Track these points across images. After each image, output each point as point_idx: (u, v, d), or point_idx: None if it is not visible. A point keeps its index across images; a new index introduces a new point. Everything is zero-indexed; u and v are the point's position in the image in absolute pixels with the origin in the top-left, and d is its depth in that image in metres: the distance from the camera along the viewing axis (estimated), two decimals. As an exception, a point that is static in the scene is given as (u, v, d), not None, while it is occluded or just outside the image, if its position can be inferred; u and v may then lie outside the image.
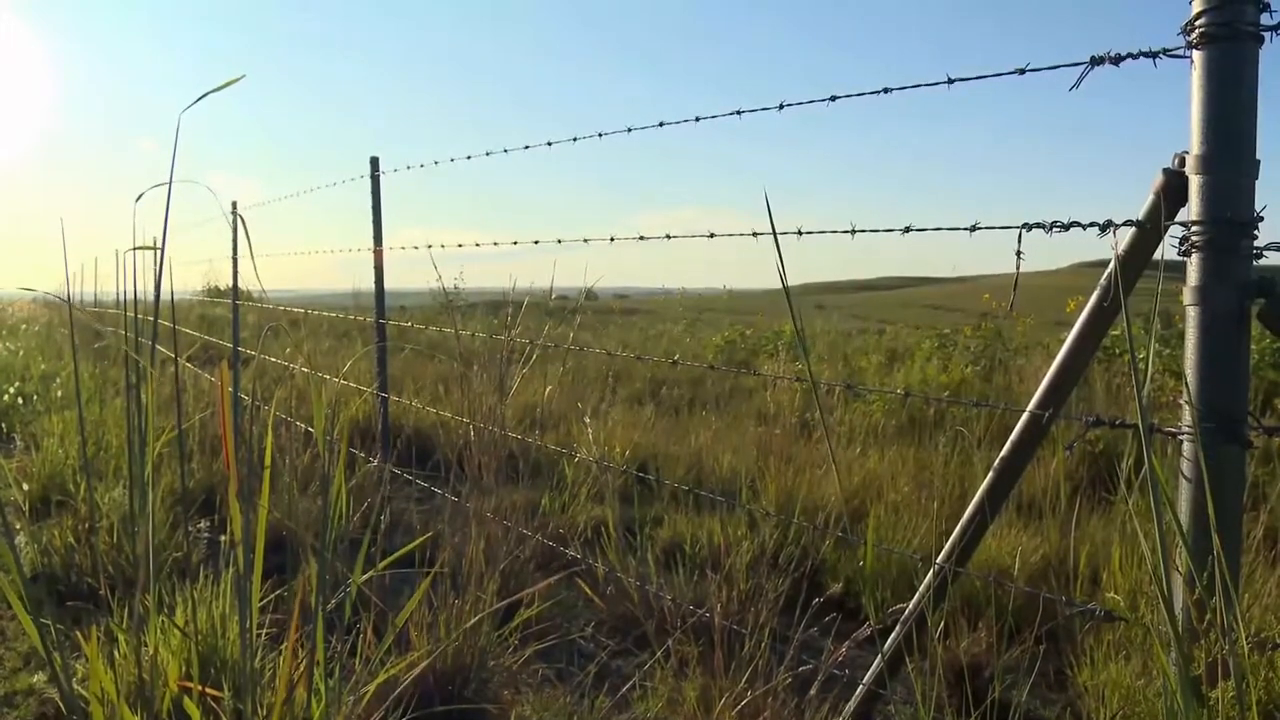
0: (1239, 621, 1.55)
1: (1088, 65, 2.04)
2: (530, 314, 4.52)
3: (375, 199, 5.69)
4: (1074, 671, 3.47)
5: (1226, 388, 1.86)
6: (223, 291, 15.29)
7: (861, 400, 7.40)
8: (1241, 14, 1.78)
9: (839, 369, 10.44)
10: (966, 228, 2.27)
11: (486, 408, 4.06)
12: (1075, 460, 6.09)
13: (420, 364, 10.36)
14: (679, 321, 17.77)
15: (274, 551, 3.01)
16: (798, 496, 5.21)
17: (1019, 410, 2.42)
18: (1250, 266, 1.86)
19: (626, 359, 4.76)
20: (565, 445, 6.41)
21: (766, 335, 13.38)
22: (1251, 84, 1.82)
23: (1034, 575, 4.29)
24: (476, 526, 3.67)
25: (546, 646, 3.47)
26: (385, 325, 5.71)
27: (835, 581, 4.26)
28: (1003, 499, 2.50)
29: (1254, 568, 3.92)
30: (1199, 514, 1.82)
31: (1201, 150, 1.86)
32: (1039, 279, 79.24)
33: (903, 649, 2.54)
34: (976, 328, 11.53)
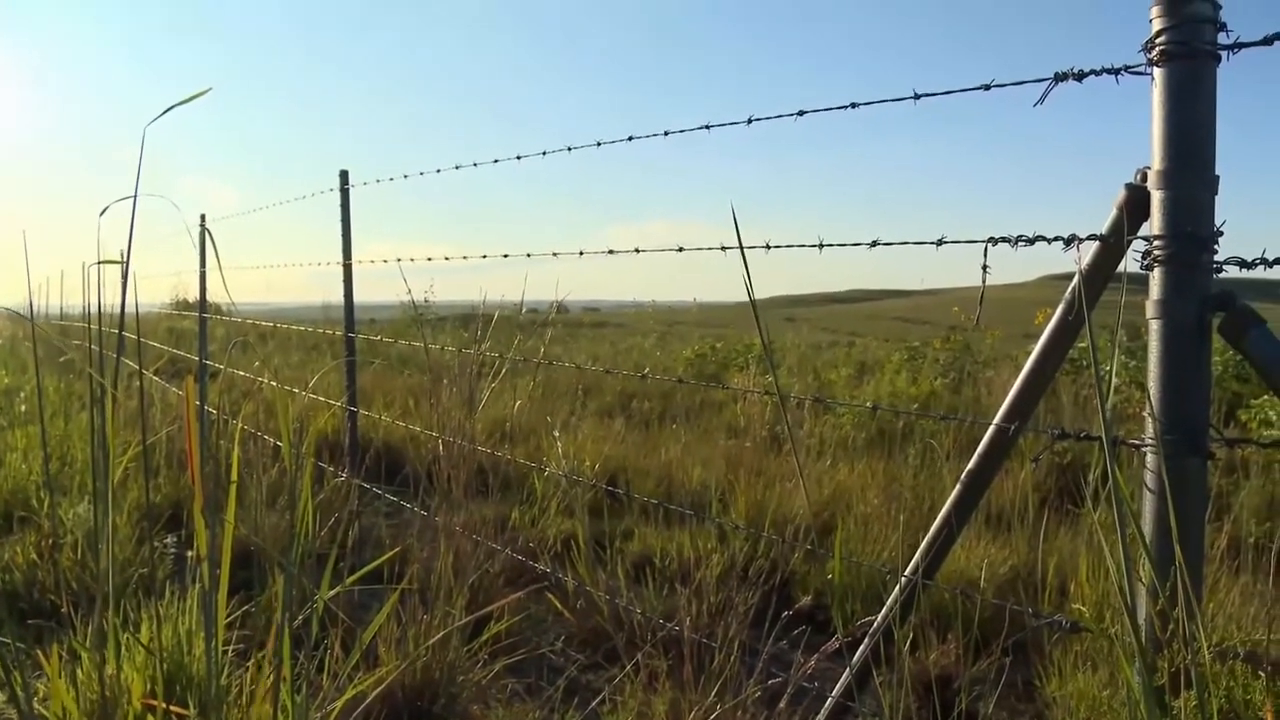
0: (1201, 632, 1.56)
1: (1052, 81, 2.06)
2: (501, 327, 4.51)
3: (345, 212, 5.67)
4: (1042, 682, 3.49)
5: (1188, 400, 1.88)
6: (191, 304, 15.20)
7: (831, 413, 7.42)
8: (1199, 33, 1.81)
9: (809, 382, 10.47)
10: (933, 242, 2.28)
11: (455, 422, 4.05)
12: (1043, 472, 6.13)
13: (390, 377, 10.33)
14: (649, 334, 17.78)
15: (241, 567, 2.99)
16: (768, 509, 5.22)
17: (987, 423, 2.44)
18: (1211, 280, 1.88)
19: (597, 372, 4.76)
20: (535, 459, 6.40)
21: (737, 348, 13.41)
22: (1210, 101, 1.84)
23: (1003, 587, 4.32)
24: (445, 541, 3.65)
25: (516, 661, 3.46)
26: (354, 339, 5.69)
27: (805, 594, 4.26)
28: (970, 511, 2.51)
29: (1218, 577, 3.96)
30: (1162, 525, 1.84)
31: (1162, 166, 1.88)
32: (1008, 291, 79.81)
33: (870, 661, 2.54)
34: (945, 340, 11.60)
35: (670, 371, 12.40)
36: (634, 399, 9.48)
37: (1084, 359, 8.31)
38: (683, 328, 20.54)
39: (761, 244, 2.52)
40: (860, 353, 14.81)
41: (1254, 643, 2.43)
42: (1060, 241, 2.09)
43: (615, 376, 9.98)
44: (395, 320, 15.58)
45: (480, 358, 4.14)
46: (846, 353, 14.96)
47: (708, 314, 19.34)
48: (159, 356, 10.72)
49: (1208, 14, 1.81)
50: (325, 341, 12.33)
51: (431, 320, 13.87)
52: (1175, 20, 1.82)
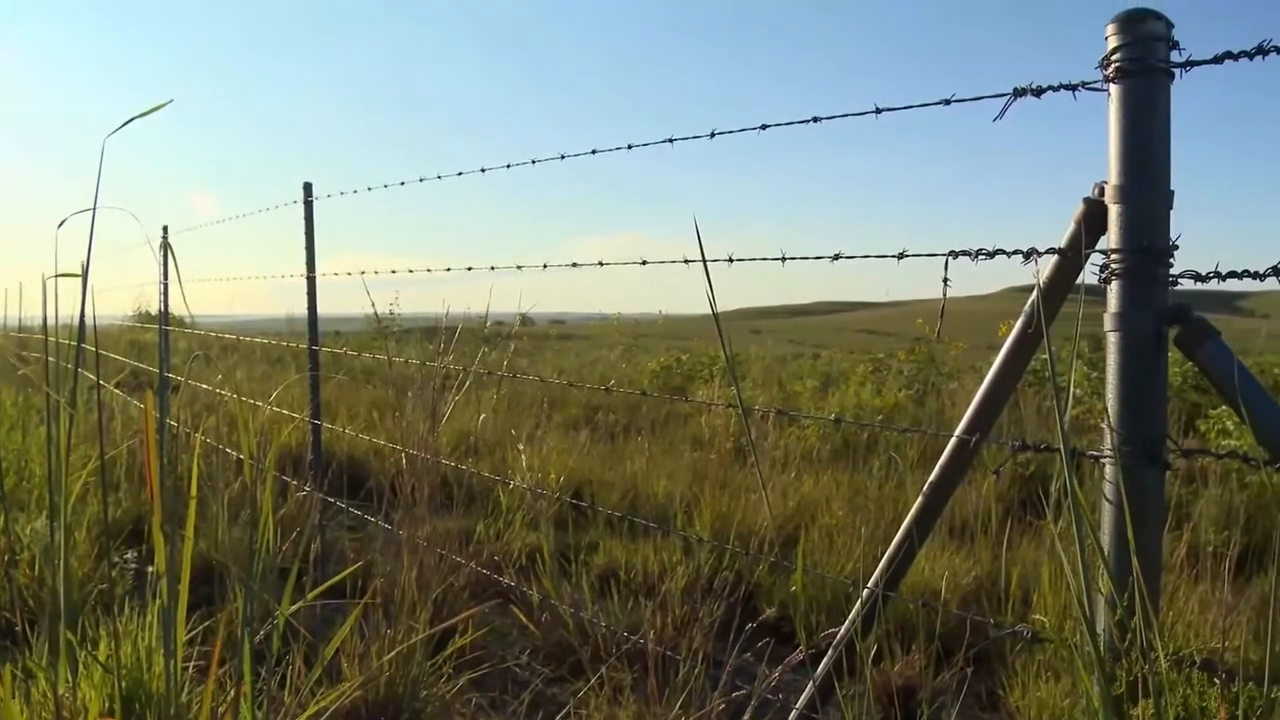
0: (1158, 641, 1.58)
1: (1011, 96, 2.08)
2: (467, 340, 4.50)
3: (308, 224, 5.64)
4: (1006, 692, 3.51)
5: (1146, 411, 1.90)
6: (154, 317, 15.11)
7: (797, 425, 7.44)
8: (1154, 51, 1.83)
9: (774, 394, 10.50)
10: (895, 255, 2.30)
11: (419, 435, 4.03)
12: (1006, 482, 6.17)
13: (355, 390, 10.28)
14: (615, 347, 17.77)
15: (203, 582, 2.97)
16: (733, 521, 5.23)
17: (950, 434, 2.45)
18: (1167, 293, 1.90)
19: (562, 385, 4.76)
20: (500, 472, 6.38)
21: (702, 360, 13.42)
22: (1165, 117, 1.87)
23: (967, 597, 4.34)
24: (409, 554, 3.64)
25: (481, 675, 3.45)
26: (318, 352, 5.65)
27: (770, 606, 4.27)
28: (932, 523, 2.53)
29: (1177, 586, 4.00)
30: (1120, 536, 1.85)
31: (1119, 180, 1.90)
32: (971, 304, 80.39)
33: (833, 673, 2.55)
34: (910, 352, 11.66)
35: (636, 384, 12.39)
36: (599, 411, 9.47)
37: (1047, 370, 8.37)
38: (649, 340, 20.55)
39: (725, 257, 2.53)
40: (825, 365, 14.86)
41: (1210, 650, 2.46)
42: (1020, 255, 2.11)
43: (581, 389, 9.98)
44: (361, 333, 15.51)
45: (444, 370, 4.13)
46: (812, 364, 15.00)
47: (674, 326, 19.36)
48: (120, 369, 10.63)
49: (1161, 32, 1.84)
50: (289, 354, 12.27)
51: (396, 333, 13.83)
52: (1130, 38, 1.85)
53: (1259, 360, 10.28)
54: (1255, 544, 4.78)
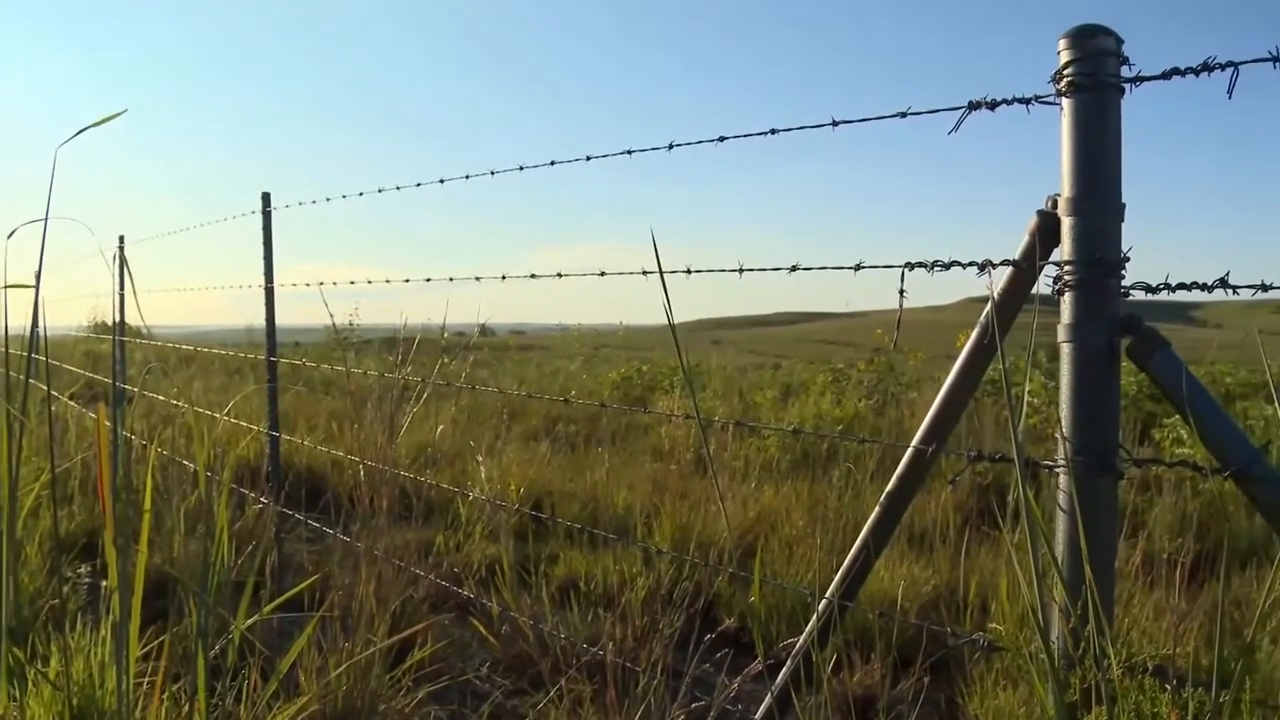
0: (1110, 648, 1.60)
1: (966, 109, 2.10)
2: (427, 351, 4.48)
3: (267, 235, 5.60)
4: (964, 700, 3.53)
5: (1099, 421, 1.93)
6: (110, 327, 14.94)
7: (757, 435, 7.46)
8: (1104, 66, 1.86)
9: (735, 404, 10.51)
10: (851, 267, 2.32)
11: (377, 446, 4.01)
12: (965, 492, 6.22)
13: (314, 401, 10.22)
14: (576, 357, 17.75)
15: (158, 596, 2.93)
16: (693, 532, 5.23)
17: (909, 445, 2.47)
18: (1119, 304, 1.93)
19: (521, 396, 4.74)
20: (460, 483, 6.36)
21: (663, 371, 13.43)
22: (1115, 131, 1.90)
23: (926, 606, 4.37)
24: (367, 567, 3.62)
25: (440, 687, 3.44)
26: (276, 363, 5.61)
27: (729, 616, 4.28)
28: (890, 533, 2.54)
29: (1133, 593, 4.04)
30: (1074, 545, 1.87)
31: (1071, 193, 1.93)
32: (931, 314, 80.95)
33: (790, 684, 2.56)
34: (869, 362, 11.71)
35: (596, 395, 12.38)
36: (560, 422, 9.45)
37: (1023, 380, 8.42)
38: (609, 350, 20.53)
39: (683, 268, 2.54)
40: (786, 375, 14.91)
41: (1163, 657, 2.48)
42: (975, 267, 2.13)
43: (541, 400, 9.97)
44: (321, 344, 15.41)
45: (403, 381, 4.11)
46: (772, 375, 15.06)
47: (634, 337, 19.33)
48: (75, 381, 10.50)
49: (1111, 47, 1.86)
50: (248, 365, 12.18)
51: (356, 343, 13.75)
52: (1081, 53, 1.87)
53: (1211, 369, 10.42)
54: (1208, 550, 4.84)
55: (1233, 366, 10.55)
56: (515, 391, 5.07)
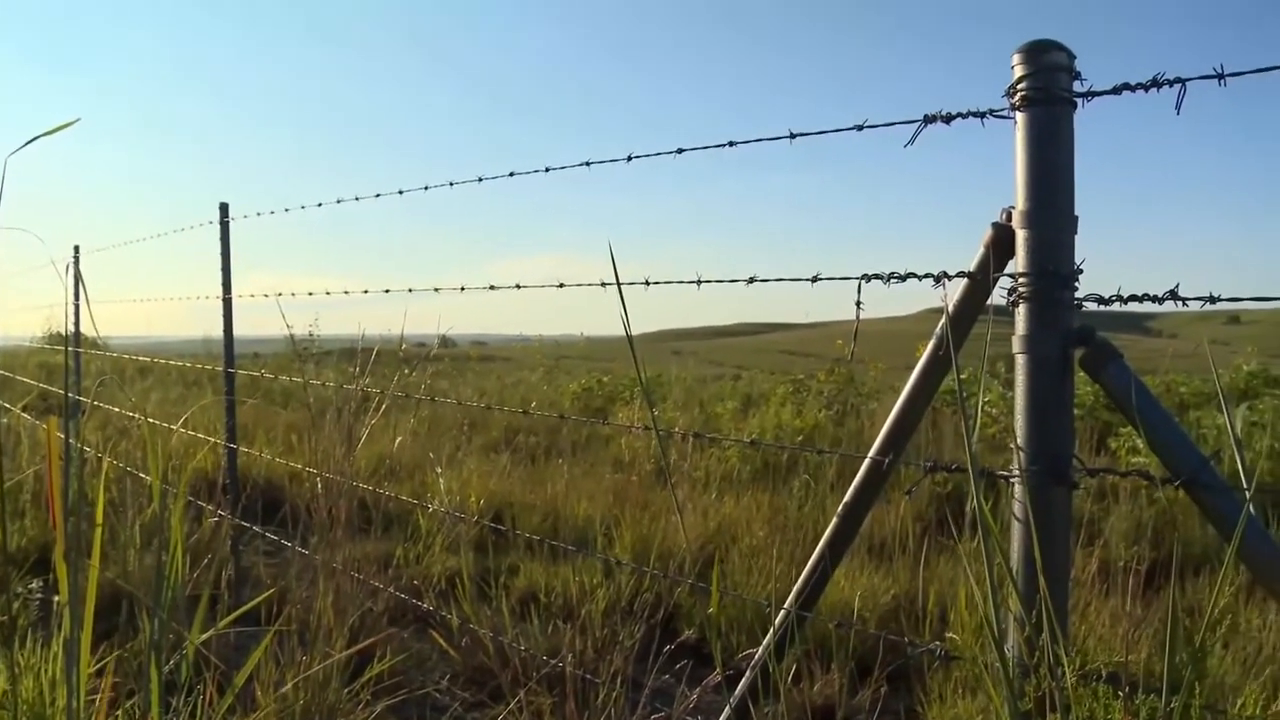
0: (1064, 656, 1.61)
1: (921, 123, 2.12)
2: (388, 362, 4.46)
3: (224, 245, 5.56)
4: (924, 709, 3.55)
5: (1053, 431, 1.94)
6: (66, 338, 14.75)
7: (718, 446, 7.48)
8: (1057, 80, 1.88)
9: (695, 415, 10.53)
10: (809, 278, 2.33)
11: (335, 458, 3.99)
12: (925, 501, 6.26)
13: (273, 413, 10.14)
14: (536, 369, 17.73)
15: (113, 612, 2.90)
16: (653, 543, 5.24)
17: (866, 456, 2.48)
18: (1073, 316, 1.95)
19: (480, 408, 4.73)
20: (420, 495, 6.33)
21: (624, 382, 13.43)
22: (1068, 145, 1.92)
23: (886, 615, 4.39)
24: (325, 580, 3.59)
25: (399, 701, 3.42)
26: (234, 374, 5.56)
27: (690, 627, 4.28)
28: (848, 543, 2.55)
29: (1089, 601, 4.08)
30: (1029, 554, 1.89)
31: (1025, 206, 1.95)
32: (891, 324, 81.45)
33: (747, 695, 2.56)
34: (830, 373, 11.76)
35: (557, 406, 12.37)
36: (520, 433, 9.44)
37: (966, 390, 8.49)
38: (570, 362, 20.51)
39: (642, 279, 2.54)
40: (746, 386, 14.94)
41: (1116, 664, 2.51)
42: (930, 279, 2.14)
43: (502, 411, 9.94)
44: (280, 354, 15.30)
45: (361, 393, 4.09)
46: (733, 386, 15.08)
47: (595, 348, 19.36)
48: (28, 392, 10.38)
49: (1064, 62, 1.89)
50: (206, 376, 12.06)
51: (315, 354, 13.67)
52: (1034, 67, 1.90)
53: (1166, 379, 10.55)
54: (1163, 558, 4.90)
55: (1186, 376, 10.69)
56: (475, 403, 5.05)
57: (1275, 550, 1.80)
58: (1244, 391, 9.82)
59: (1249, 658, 3.52)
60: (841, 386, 10.98)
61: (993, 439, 8.40)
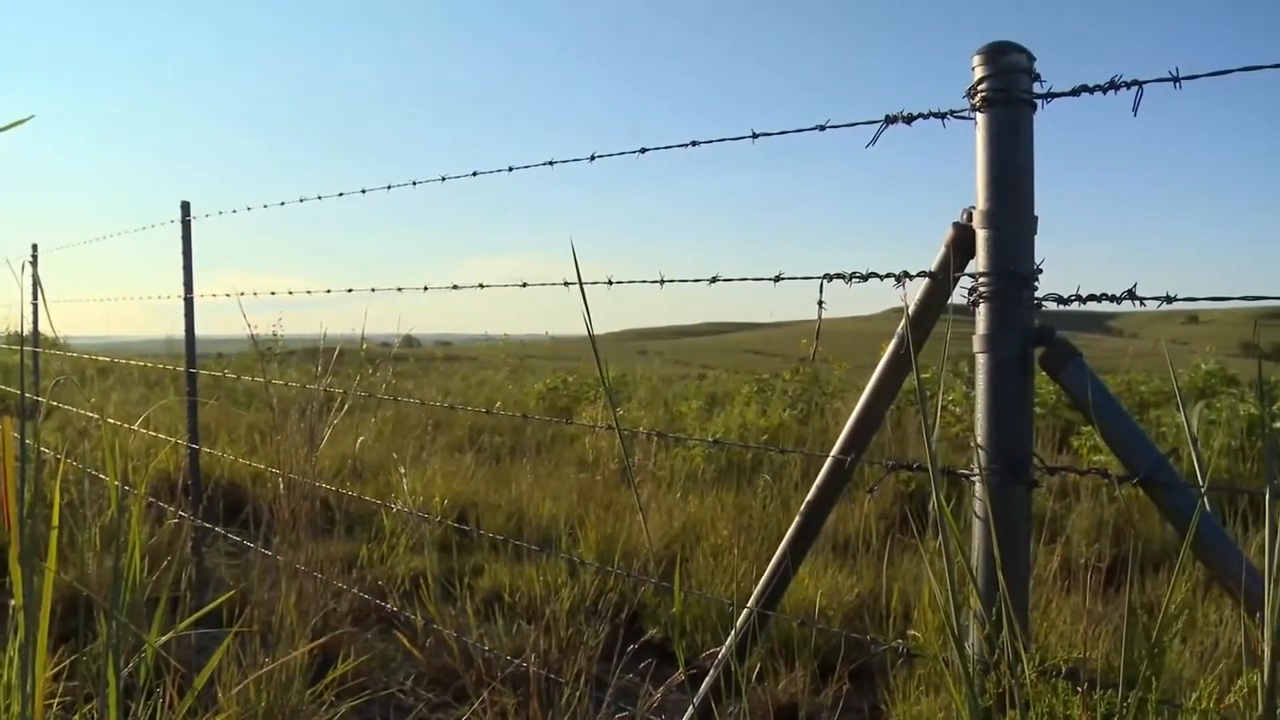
0: (1024, 653, 1.63)
1: (883, 123, 2.13)
2: (351, 362, 4.45)
3: (186, 244, 5.52)
4: (888, 707, 3.57)
5: (1012, 430, 1.96)
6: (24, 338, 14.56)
7: (682, 445, 7.49)
8: (1017, 82, 1.90)
9: (660, 414, 10.54)
10: (771, 278, 2.33)
11: (298, 458, 3.97)
12: (889, 500, 6.29)
13: (237, 413, 10.07)
14: (502, 368, 17.70)
15: (71, 615, 2.88)
16: (618, 542, 5.23)
17: (829, 455, 2.49)
18: (1032, 315, 1.96)
19: (444, 408, 4.72)
20: (385, 495, 6.31)
21: (589, 381, 13.43)
22: (1028, 145, 1.93)
23: (850, 614, 4.41)
24: (288, 580, 3.57)
25: (363, 701, 3.40)
26: (196, 374, 5.53)
27: (654, 626, 4.28)
28: (810, 542, 2.56)
29: (1050, 598, 4.11)
30: (989, 552, 1.91)
31: (986, 206, 1.96)
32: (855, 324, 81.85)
33: (710, 695, 2.57)
34: (794, 372, 11.80)
35: (522, 406, 12.35)
36: (485, 433, 9.42)
37: (928, 389, 8.54)
38: (535, 361, 20.49)
39: (605, 279, 2.55)
40: (711, 385, 14.96)
41: (1076, 660, 2.53)
42: (892, 278, 2.16)
43: (467, 411, 9.92)
44: (244, 354, 15.20)
45: (324, 393, 4.07)
46: (697, 385, 15.10)
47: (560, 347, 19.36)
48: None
49: (1023, 64, 1.90)
50: (168, 377, 11.96)
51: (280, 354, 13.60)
52: (994, 69, 1.91)
53: (1127, 378, 10.66)
54: (1124, 555, 4.94)
55: (1147, 375, 10.81)
56: (438, 403, 5.04)
57: (1229, 545, 1.82)
58: (1202, 390, 9.94)
59: (1206, 652, 3.57)
60: (806, 386, 11.03)
61: (956, 438, 8.46)
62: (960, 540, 1.74)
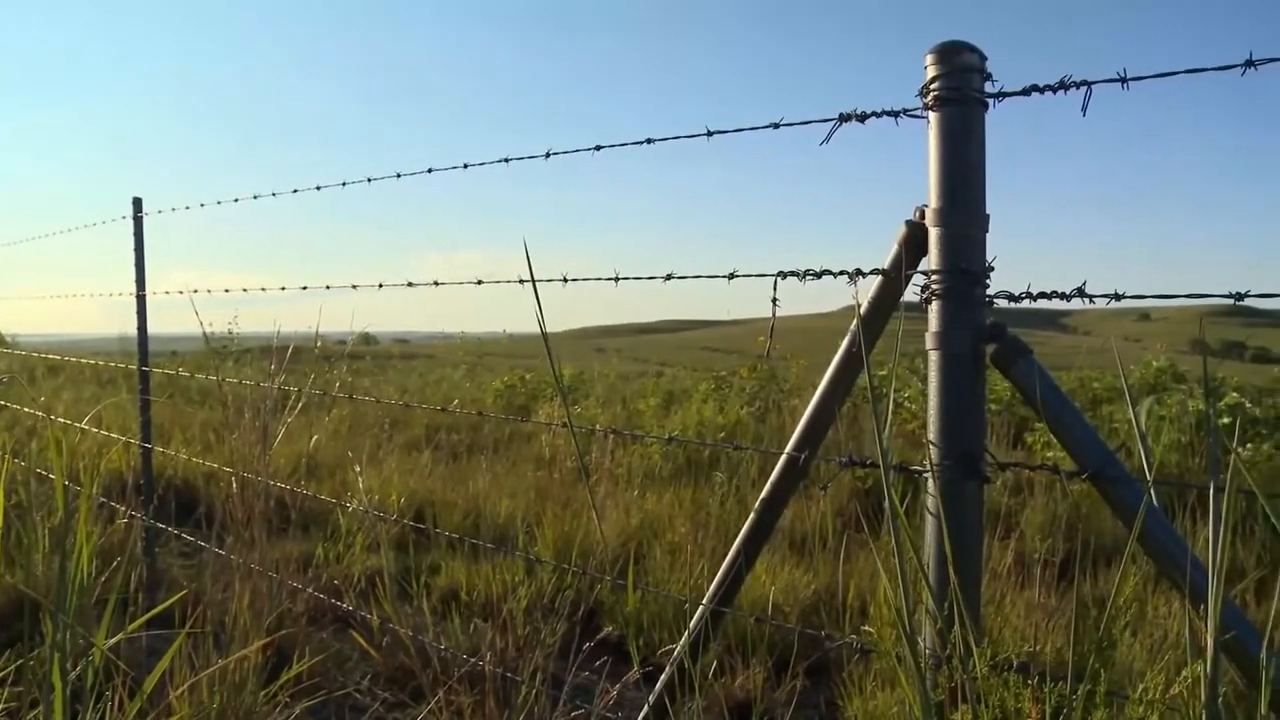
0: (975, 648, 1.64)
1: (836, 121, 2.14)
2: (309, 360, 4.42)
3: (138, 240, 5.46)
4: (845, 702, 3.59)
5: (964, 427, 1.97)
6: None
7: (640, 443, 7.50)
8: (969, 81, 1.91)
9: (618, 412, 10.54)
10: (725, 276, 2.34)
11: (252, 457, 3.94)
12: (846, 496, 6.33)
13: (191, 412, 9.98)
14: (459, 366, 17.64)
15: (17, 618, 2.83)
16: (575, 540, 5.24)
17: (783, 452, 2.50)
18: (984, 313, 1.98)
19: (400, 406, 4.69)
20: (341, 494, 6.27)
21: (546, 379, 13.40)
22: (980, 144, 1.95)
23: (807, 610, 4.43)
24: (241, 581, 3.54)
25: (318, 702, 3.38)
26: (149, 372, 5.47)
27: (611, 624, 4.29)
28: (765, 539, 2.57)
29: (1005, 592, 4.15)
30: (942, 548, 1.92)
31: (938, 204, 1.97)
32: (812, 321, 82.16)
33: (665, 692, 2.57)
34: (752, 369, 11.83)
35: (479, 403, 12.31)
36: (442, 431, 9.39)
37: (884, 387, 8.60)
38: (493, 359, 20.43)
39: (559, 276, 2.55)
40: (669, 382, 14.97)
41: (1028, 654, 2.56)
42: (845, 276, 2.17)
43: (424, 409, 9.88)
44: (199, 352, 15.06)
45: (276, 391, 4.04)
46: (655, 383, 15.11)
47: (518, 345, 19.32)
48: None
49: (975, 64, 1.92)
50: (121, 375, 11.83)
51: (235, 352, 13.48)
52: (947, 68, 1.92)
53: (1081, 374, 10.77)
54: (1077, 549, 5.00)
55: (1100, 372, 10.92)
56: (393, 401, 5.02)
57: (1175, 538, 1.85)
58: (1153, 386, 10.06)
59: (1156, 644, 3.62)
60: (763, 383, 11.06)
61: (912, 435, 8.52)
62: (912, 536, 1.76)
